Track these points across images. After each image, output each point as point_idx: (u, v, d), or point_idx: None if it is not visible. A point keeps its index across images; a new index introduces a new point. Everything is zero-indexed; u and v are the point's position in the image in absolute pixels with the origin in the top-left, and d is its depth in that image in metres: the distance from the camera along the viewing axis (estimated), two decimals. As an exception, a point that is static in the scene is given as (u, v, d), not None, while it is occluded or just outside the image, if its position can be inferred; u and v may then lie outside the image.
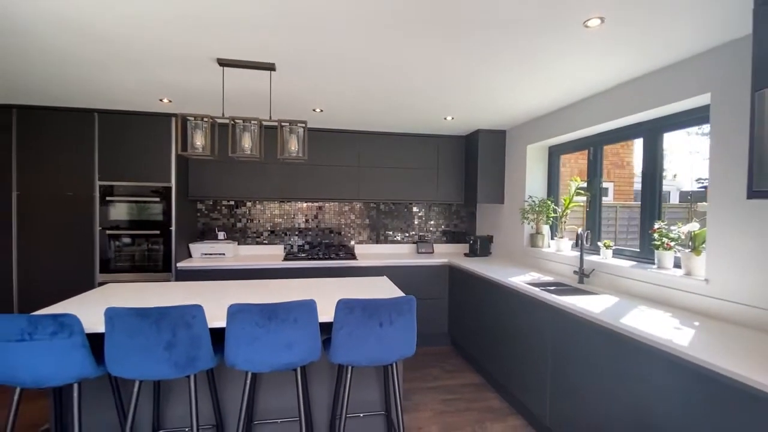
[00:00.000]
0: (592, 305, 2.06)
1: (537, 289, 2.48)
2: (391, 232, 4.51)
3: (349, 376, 1.77)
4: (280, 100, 2.90)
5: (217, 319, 1.70)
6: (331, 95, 2.83)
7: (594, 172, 3.08)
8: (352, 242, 4.40)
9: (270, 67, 2.21)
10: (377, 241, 4.47)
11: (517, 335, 2.62)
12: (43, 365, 1.49)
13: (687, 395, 1.44)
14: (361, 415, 2.12)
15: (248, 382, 1.70)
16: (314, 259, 3.82)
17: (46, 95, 2.93)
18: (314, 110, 3.25)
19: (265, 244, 4.23)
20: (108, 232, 3.37)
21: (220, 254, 3.84)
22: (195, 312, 1.57)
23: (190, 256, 3.81)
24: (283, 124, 2.24)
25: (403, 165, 4.15)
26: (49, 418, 1.87)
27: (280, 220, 4.26)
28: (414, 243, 4.56)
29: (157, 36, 1.87)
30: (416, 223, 4.57)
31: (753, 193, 1.42)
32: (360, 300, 1.70)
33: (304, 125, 2.24)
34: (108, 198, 3.36)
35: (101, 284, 3.27)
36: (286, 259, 3.86)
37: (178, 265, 3.47)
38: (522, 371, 2.55)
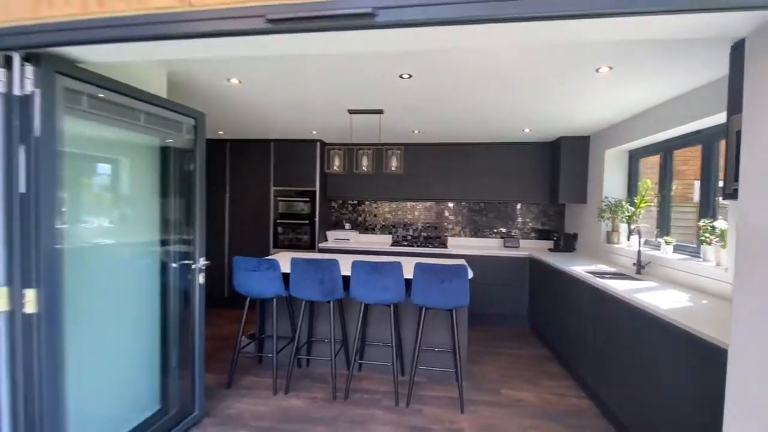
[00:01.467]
0: (623, 286, 2.57)
1: (588, 274, 3.02)
2: (481, 228, 5.25)
3: (423, 315, 2.74)
4: (388, 128, 4.02)
5: (345, 270, 2.85)
6: (425, 123, 3.81)
7: (665, 175, 3.37)
8: (446, 235, 5.30)
9: (380, 112, 3.32)
10: (468, 236, 5.27)
11: (572, 312, 3.19)
12: (261, 285, 2.85)
13: (671, 354, 2.00)
14: (435, 349, 3.06)
15: (361, 310, 2.82)
16: (413, 245, 4.86)
17: (244, 132, 4.64)
18: (413, 132, 4.29)
19: (378, 233, 5.45)
20: (277, 221, 5.01)
21: (346, 239, 5.18)
22: (335, 263, 2.76)
23: (327, 240, 5.25)
24: (387, 148, 3.33)
25: (493, 169, 4.85)
26: (255, 326, 3.32)
27: (389, 215, 5.43)
28: (502, 238, 5.20)
29: (314, 100, 3.14)
30: (505, 220, 5.20)
31: (726, 195, 1.90)
32: (429, 264, 2.65)
33: (400, 149, 3.28)
34: (278, 198, 4.99)
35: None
36: (392, 245, 4.99)
37: (319, 245, 4.91)
38: (574, 342, 3.12)
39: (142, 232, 2.28)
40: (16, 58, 1.46)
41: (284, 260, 3.05)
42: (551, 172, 4.75)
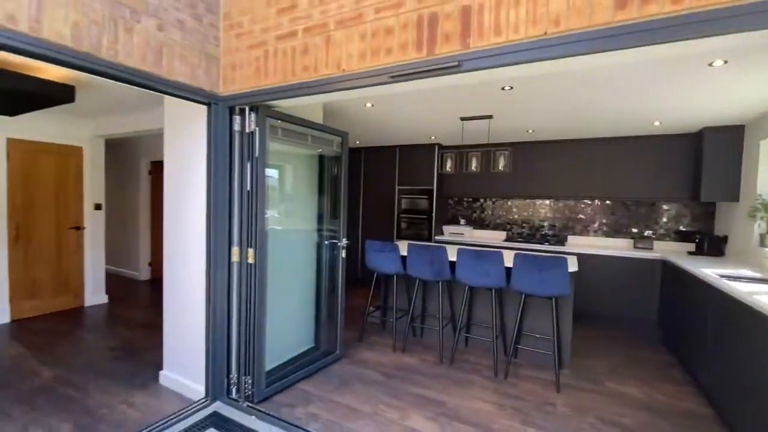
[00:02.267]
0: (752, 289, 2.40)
1: (726, 281, 2.80)
2: (608, 228, 5.02)
3: (523, 301, 3.04)
4: (501, 129, 4.32)
5: (452, 257, 3.35)
6: (538, 123, 3.99)
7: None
8: (566, 234, 5.23)
9: (489, 117, 3.70)
10: (592, 235, 5.10)
11: (699, 318, 3.01)
12: (385, 263, 3.57)
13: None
14: (537, 335, 3.30)
15: (467, 292, 3.28)
16: (528, 242, 5.00)
17: (375, 141, 5.52)
18: (527, 131, 4.47)
19: (492, 230, 5.72)
20: (400, 215, 5.77)
21: (460, 234, 5.62)
22: (443, 249, 3.29)
23: (443, 234, 5.79)
24: (495, 150, 3.68)
25: (619, 165, 4.62)
26: (380, 299, 4.08)
27: (504, 212, 5.64)
28: (632, 238, 4.88)
29: (430, 113, 3.72)
30: (636, 219, 4.86)
31: None
32: (527, 254, 2.95)
33: (508, 150, 3.59)
34: (401, 196, 5.75)
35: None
36: (506, 240, 5.22)
37: (435, 237, 5.48)
38: (707, 353, 2.96)
39: (307, 219, 3.23)
40: (246, 110, 2.44)
41: (403, 246, 3.72)
42: (693, 167, 4.29)
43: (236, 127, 2.46)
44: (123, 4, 1.86)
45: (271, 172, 2.83)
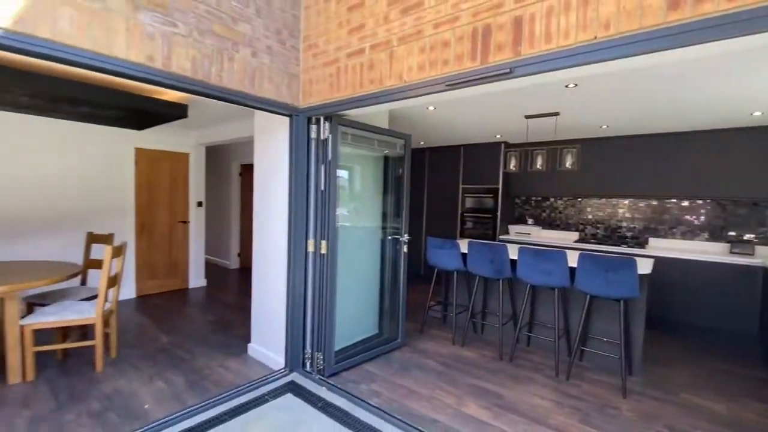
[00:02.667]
0: None
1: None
2: (698, 230, 4.56)
3: (587, 301, 2.98)
4: (567, 125, 4.18)
5: (513, 255, 3.38)
6: (612, 118, 3.81)
7: None
8: (648, 236, 4.85)
9: (555, 114, 3.63)
10: (679, 237, 4.67)
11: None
12: (445, 260, 3.71)
13: None
14: (604, 339, 3.19)
15: (528, 290, 3.29)
16: (602, 244, 4.75)
17: (438, 141, 5.64)
18: (600, 127, 4.26)
19: (563, 230, 5.51)
20: (464, 214, 5.83)
21: (527, 233, 5.50)
22: (503, 247, 3.34)
23: (508, 233, 5.72)
24: (562, 147, 3.60)
25: (711, 161, 4.19)
26: (442, 295, 4.22)
27: (574, 212, 5.40)
28: (728, 242, 4.39)
29: (492, 113, 3.76)
30: (735, 222, 4.36)
31: None
32: (593, 254, 2.89)
33: (575, 147, 3.50)
34: (465, 195, 5.80)
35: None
36: (577, 241, 5.01)
37: (500, 237, 5.45)
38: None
39: (372, 215, 3.51)
40: (321, 119, 2.77)
41: (464, 244, 3.82)
42: (808, 162, 3.74)
43: (313, 134, 2.81)
44: (227, 39, 2.29)
45: (342, 174, 3.15)
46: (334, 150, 2.76)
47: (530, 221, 5.81)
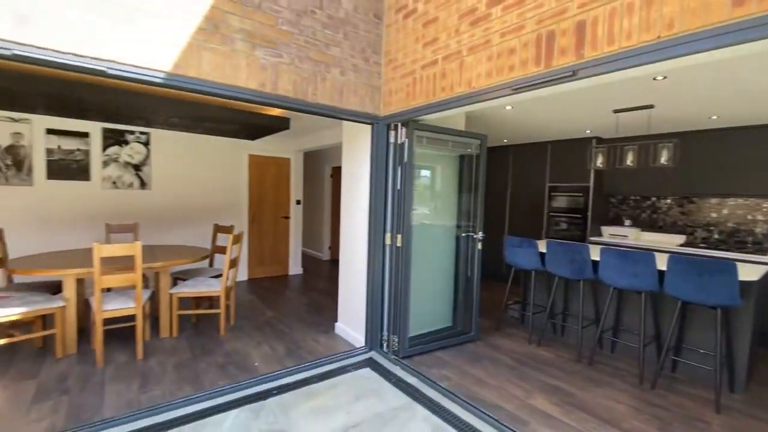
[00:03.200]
0: None
1: None
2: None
3: (678, 308, 2.77)
4: (664, 118, 3.82)
5: (595, 256, 3.26)
6: (725, 108, 3.40)
7: None
8: (776, 240, 4.15)
9: (649, 107, 3.38)
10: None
11: None
12: (523, 259, 3.72)
13: None
14: (701, 351, 2.90)
15: (611, 293, 3.16)
16: (713, 248, 4.20)
17: (522, 138, 5.52)
18: (710, 117, 3.79)
19: (666, 232, 4.97)
20: (550, 214, 5.61)
21: (623, 236, 5.09)
22: (584, 247, 3.25)
23: (600, 235, 5.35)
24: (655, 142, 3.35)
25: None
26: (519, 295, 4.20)
27: (682, 212, 4.82)
28: None
29: (581, 104, 3.64)
30: None
31: None
32: (684, 256, 2.67)
33: (672, 142, 3.22)
34: (551, 193, 5.59)
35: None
36: (683, 245, 4.50)
37: (590, 238, 5.14)
38: None
39: (447, 213, 3.70)
40: (399, 126, 3.07)
41: (543, 243, 3.77)
42: None
43: (391, 139, 3.13)
44: (320, 62, 2.72)
45: (418, 173, 3.41)
46: (409, 152, 3.04)
47: (627, 222, 5.35)
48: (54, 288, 3.32)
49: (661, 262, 2.87)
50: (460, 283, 3.75)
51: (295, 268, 6.21)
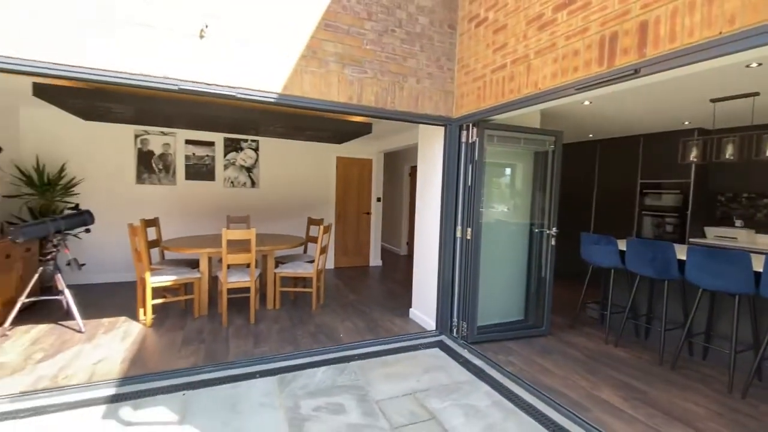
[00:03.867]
0: None
1: None
2: None
3: (780, 313, 2.54)
4: (786, 104, 3.39)
5: (682, 255, 3.09)
6: None
7: None
8: None
9: (753, 95, 3.08)
10: None
11: None
12: (600, 256, 3.64)
13: None
14: (813, 364, 2.61)
15: (700, 294, 2.97)
16: None
17: (610, 132, 5.24)
18: (844, 101, 3.28)
19: (788, 234, 4.33)
20: (642, 212, 5.24)
21: (732, 237, 4.56)
22: (668, 245, 3.10)
23: (703, 236, 4.84)
24: (759, 133, 3.04)
25: None
26: (599, 294, 4.08)
27: (812, 212, 4.16)
28: None
29: (670, 95, 3.45)
30: None
31: None
32: (787, 257, 2.45)
33: (781, 132, 2.91)
34: (643, 190, 5.21)
35: (633, 244, 5.21)
36: (806, 249, 3.90)
37: (690, 239, 4.70)
38: None
39: (519, 208, 3.80)
40: (470, 126, 3.29)
41: (623, 241, 3.64)
42: None
43: (463, 139, 3.37)
44: (399, 74, 3.09)
45: (491, 171, 3.59)
46: (480, 151, 3.25)
47: (739, 223, 4.76)
48: (193, 264, 4.24)
49: (756, 263, 2.65)
50: (533, 278, 3.81)
51: (375, 260, 6.74)
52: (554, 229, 3.61)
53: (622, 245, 3.57)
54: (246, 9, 2.56)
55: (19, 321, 3.39)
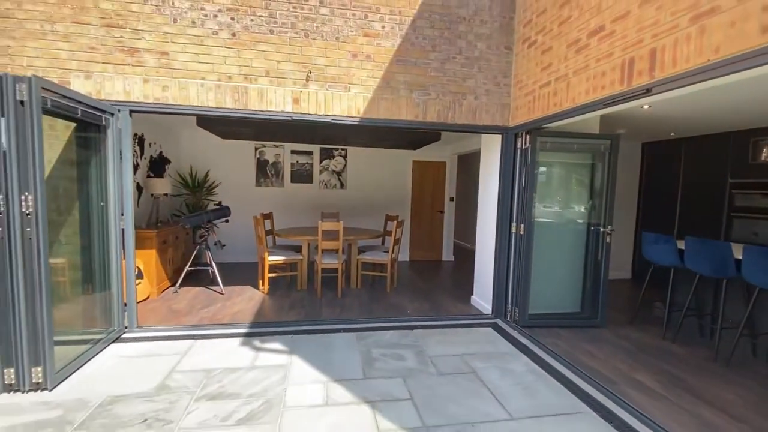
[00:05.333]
0: None
1: None
2: None
3: (841, 314, 2.54)
4: None
5: (738, 254, 3.12)
6: None
7: None
8: None
9: (832, 91, 2.97)
10: None
11: None
12: (659, 255, 3.74)
13: None
14: None
15: (756, 294, 3.00)
16: None
17: (695, 130, 5.03)
18: None
19: None
20: (731, 214, 4.94)
21: (841, 243, 4.14)
22: (725, 245, 3.16)
23: (807, 240, 4.43)
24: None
25: None
26: (662, 293, 4.10)
27: None
28: None
29: (744, 92, 3.44)
30: None
31: None
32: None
33: None
34: (733, 191, 4.91)
35: (720, 247, 4.94)
36: None
37: (785, 244, 4.36)
38: None
39: (575, 207, 4.07)
40: (524, 134, 3.73)
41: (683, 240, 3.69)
42: None
43: (518, 145, 3.82)
44: (458, 93, 3.69)
45: (548, 172, 3.96)
46: (533, 156, 3.67)
47: None
48: (296, 249, 5.36)
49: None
50: (589, 273, 4.05)
51: (447, 255, 7.31)
52: (609, 228, 3.83)
53: (681, 245, 3.64)
54: (336, 60, 3.43)
55: (183, 284, 4.80)
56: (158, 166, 5.29)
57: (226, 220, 5.06)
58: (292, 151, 6.46)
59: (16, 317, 2.32)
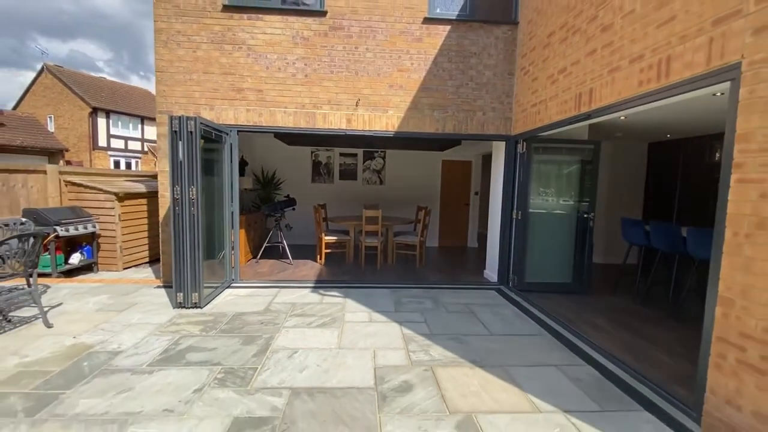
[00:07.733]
0: None
1: None
2: None
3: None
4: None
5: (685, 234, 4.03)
6: None
7: None
8: None
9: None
10: None
11: None
12: (634, 237, 4.67)
13: None
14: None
15: (697, 264, 3.91)
16: None
17: (694, 131, 5.78)
18: None
19: None
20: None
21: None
22: (676, 227, 4.08)
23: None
24: None
25: None
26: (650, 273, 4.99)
27: None
28: None
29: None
30: None
31: None
32: None
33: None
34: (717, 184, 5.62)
35: None
36: None
37: None
38: None
39: (566, 198, 5.07)
40: (521, 141, 4.80)
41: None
42: None
43: (518, 150, 4.89)
44: (469, 110, 4.83)
45: (538, 168, 4.99)
46: (528, 158, 4.74)
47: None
48: (345, 232, 6.73)
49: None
50: (578, 250, 5.03)
51: (471, 241, 8.40)
52: (592, 214, 4.81)
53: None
54: (377, 90, 4.70)
55: (261, 257, 6.33)
56: (241, 167, 6.87)
57: (293, 209, 6.54)
58: (340, 154, 7.86)
59: (186, 263, 3.83)
